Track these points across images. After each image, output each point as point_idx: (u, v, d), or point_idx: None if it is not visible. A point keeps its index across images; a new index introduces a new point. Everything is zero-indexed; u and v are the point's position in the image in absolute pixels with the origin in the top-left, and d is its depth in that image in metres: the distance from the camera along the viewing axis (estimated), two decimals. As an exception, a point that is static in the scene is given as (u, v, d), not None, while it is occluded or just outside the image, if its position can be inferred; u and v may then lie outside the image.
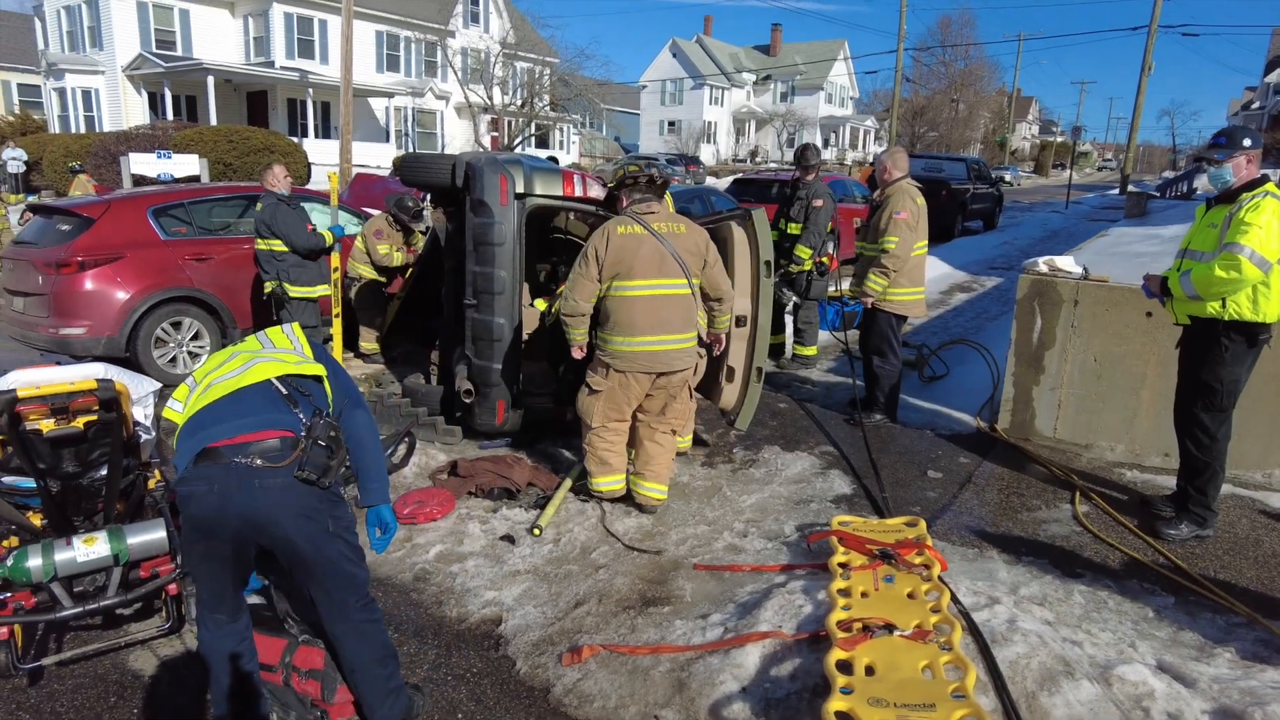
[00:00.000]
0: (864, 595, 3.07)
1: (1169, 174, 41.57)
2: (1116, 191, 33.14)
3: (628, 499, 4.36)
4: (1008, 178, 38.69)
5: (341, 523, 2.36)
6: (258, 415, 2.25)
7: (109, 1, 24.59)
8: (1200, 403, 3.94)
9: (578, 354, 4.19)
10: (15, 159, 21.39)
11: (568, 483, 4.49)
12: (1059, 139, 69.97)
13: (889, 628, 2.79)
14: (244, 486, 2.16)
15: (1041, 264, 5.52)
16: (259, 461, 2.17)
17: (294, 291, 6.19)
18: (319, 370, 2.51)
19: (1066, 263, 5.48)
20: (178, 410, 2.42)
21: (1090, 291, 5.22)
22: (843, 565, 3.34)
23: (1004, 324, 7.94)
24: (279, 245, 6.12)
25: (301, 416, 2.32)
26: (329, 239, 6.22)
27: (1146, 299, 4.32)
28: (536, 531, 4.00)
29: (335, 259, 6.38)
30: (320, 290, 6.35)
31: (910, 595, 3.06)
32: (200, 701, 2.88)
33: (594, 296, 3.99)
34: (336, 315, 6.46)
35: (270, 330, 2.69)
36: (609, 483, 4.28)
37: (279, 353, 2.51)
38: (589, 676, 2.93)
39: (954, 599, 3.06)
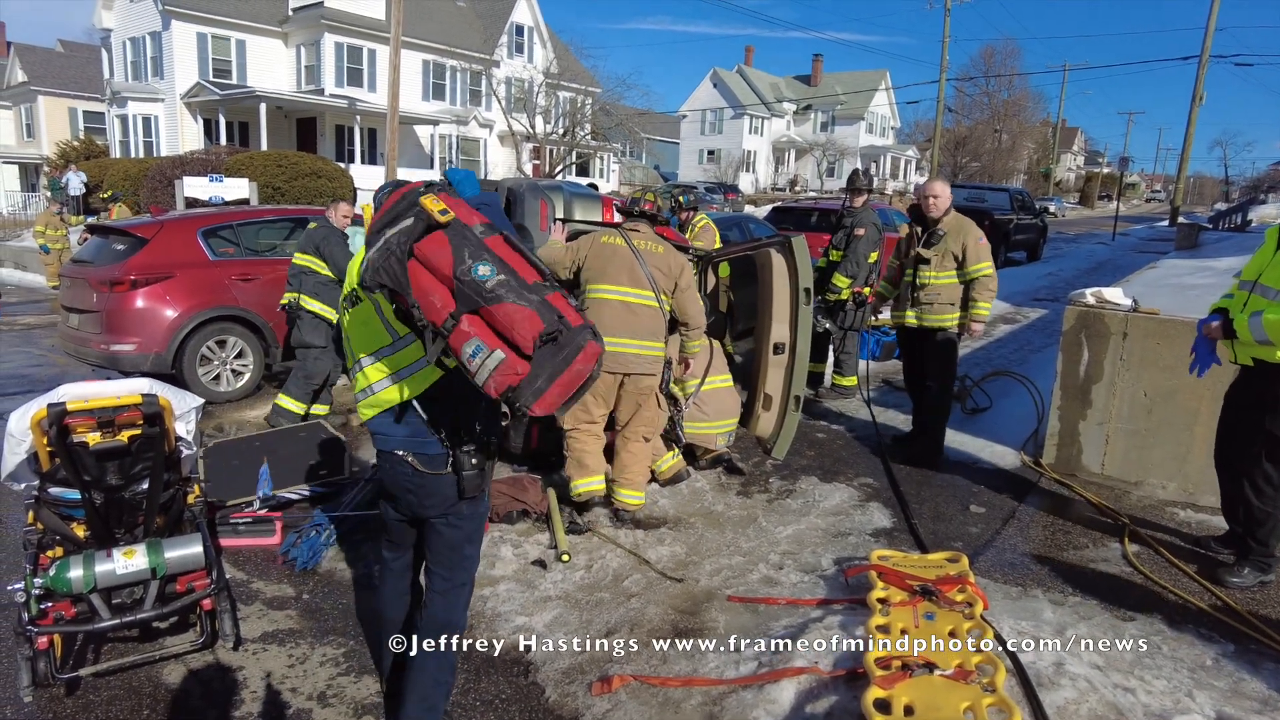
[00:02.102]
0: (903, 632, 2.98)
1: (1221, 205, 40.59)
2: (1166, 223, 32.40)
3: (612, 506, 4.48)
4: (1052, 209, 38.13)
5: (476, 508, 2.59)
6: (401, 435, 2.47)
7: (171, 34, 25.58)
8: (1265, 452, 3.70)
9: None
10: (76, 181, 22.29)
11: (552, 493, 4.59)
12: (1105, 170, 68.88)
13: (929, 666, 2.70)
14: (401, 474, 2.50)
15: (1089, 295, 5.39)
16: (411, 458, 2.45)
17: (309, 304, 6.16)
18: (428, 379, 2.37)
19: (1115, 294, 5.34)
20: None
21: (1140, 324, 5.07)
22: (882, 601, 3.25)
23: (1048, 356, 7.76)
24: (318, 265, 6.19)
25: (445, 442, 2.43)
26: None
27: (1200, 333, 4.02)
28: (565, 558, 3.97)
29: None
30: (334, 315, 6.17)
31: (952, 633, 2.96)
32: (230, 717, 2.89)
33: (564, 267, 4.30)
34: None
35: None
36: (588, 484, 4.39)
37: (394, 356, 2.37)
38: (619, 707, 2.87)
39: (998, 638, 2.96)
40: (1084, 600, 3.68)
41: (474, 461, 2.43)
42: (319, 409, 6.31)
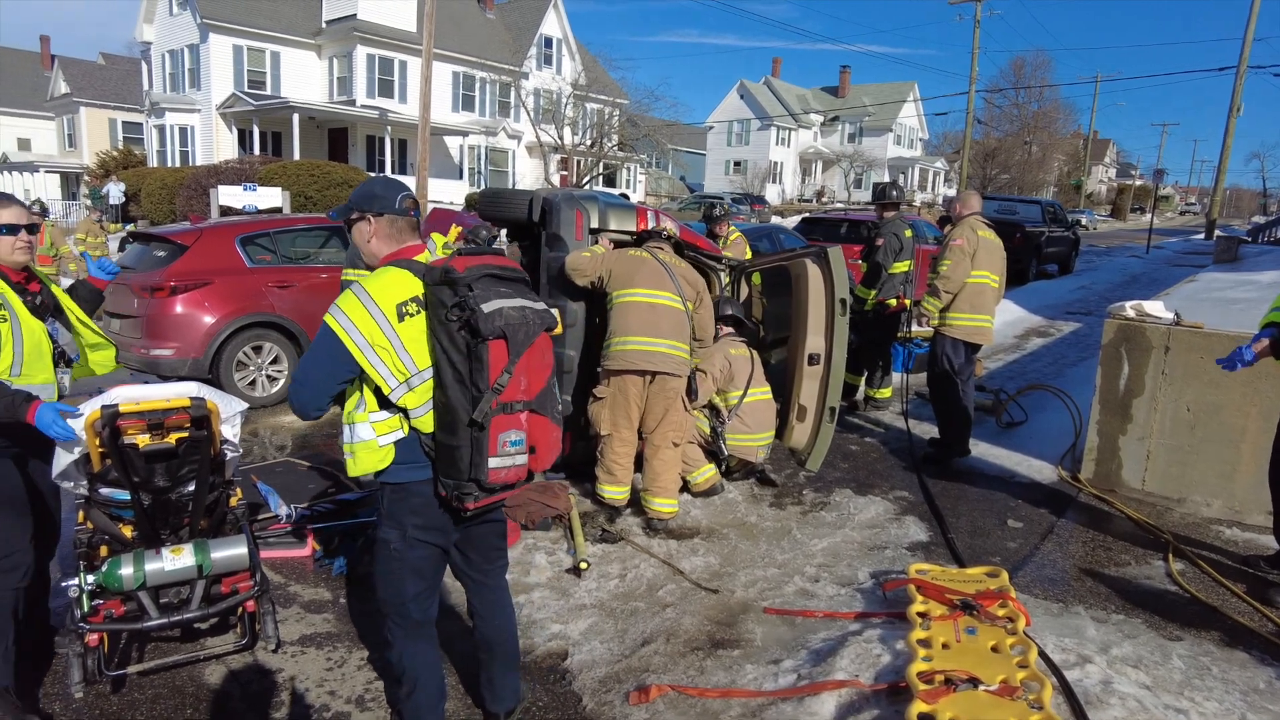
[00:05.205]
0: (945, 646, 2.93)
1: (1260, 218, 39.82)
2: (1201, 236, 31.81)
3: (640, 511, 4.58)
4: (1083, 221, 37.59)
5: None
6: None
7: (209, 46, 26.13)
8: None
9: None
10: (116, 191, 22.80)
11: (574, 500, 4.72)
12: (1138, 182, 67.89)
13: (973, 682, 2.65)
14: None
15: (1129, 308, 5.31)
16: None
17: None
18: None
19: (1155, 308, 5.26)
20: None
21: (1183, 338, 4.99)
22: (922, 615, 3.20)
23: (1083, 370, 7.65)
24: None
25: None
26: None
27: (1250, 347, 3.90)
28: (584, 565, 3.97)
29: None
30: None
31: (994, 649, 2.91)
32: (270, 718, 2.92)
33: (588, 275, 4.43)
34: None
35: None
36: (612, 491, 4.52)
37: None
38: (657, 717, 2.86)
39: (1042, 655, 2.91)
40: (1128, 618, 3.61)
41: None
42: None
